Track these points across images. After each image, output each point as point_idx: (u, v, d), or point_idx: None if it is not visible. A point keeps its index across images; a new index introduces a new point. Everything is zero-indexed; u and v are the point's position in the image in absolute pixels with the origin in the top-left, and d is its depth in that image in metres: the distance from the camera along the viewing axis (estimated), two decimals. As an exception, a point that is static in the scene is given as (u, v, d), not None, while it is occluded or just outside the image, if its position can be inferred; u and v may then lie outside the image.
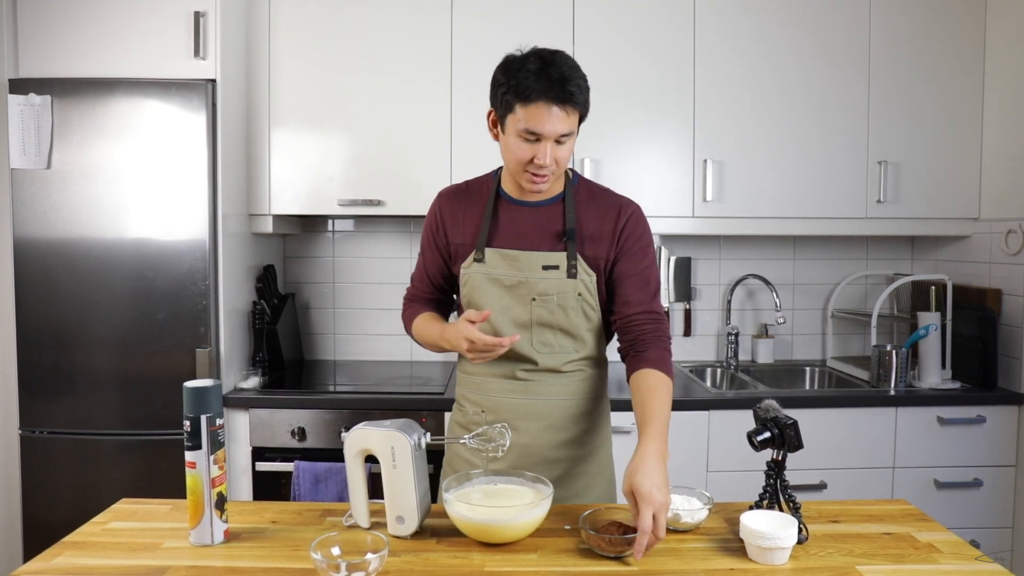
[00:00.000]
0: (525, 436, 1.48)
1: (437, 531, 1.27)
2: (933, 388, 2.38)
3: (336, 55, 2.45)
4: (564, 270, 1.44)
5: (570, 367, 1.49)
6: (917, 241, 2.91)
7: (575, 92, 1.31)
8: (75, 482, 2.21)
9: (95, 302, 2.18)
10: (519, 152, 1.36)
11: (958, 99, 2.53)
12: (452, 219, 1.51)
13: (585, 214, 1.47)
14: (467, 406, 1.55)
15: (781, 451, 1.27)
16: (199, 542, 1.21)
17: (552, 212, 1.48)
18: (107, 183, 2.17)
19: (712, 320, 2.91)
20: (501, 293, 1.45)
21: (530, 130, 1.33)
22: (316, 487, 2.16)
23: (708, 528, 1.29)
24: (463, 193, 1.54)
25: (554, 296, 1.44)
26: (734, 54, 2.49)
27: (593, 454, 1.54)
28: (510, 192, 1.50)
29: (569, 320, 1.46)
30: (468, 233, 1.49)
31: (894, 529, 1.29)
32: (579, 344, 1.49)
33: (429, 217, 1.55)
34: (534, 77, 1.30)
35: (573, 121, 1.34)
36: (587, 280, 1.45)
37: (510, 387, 1.49)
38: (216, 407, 1.21)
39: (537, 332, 1.46)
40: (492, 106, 1.40)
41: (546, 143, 1.34)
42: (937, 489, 2.31)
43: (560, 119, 1.32)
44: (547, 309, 1.45)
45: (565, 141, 1.35)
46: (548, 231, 1.46)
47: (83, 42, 2.19)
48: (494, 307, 1.46)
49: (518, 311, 1.46)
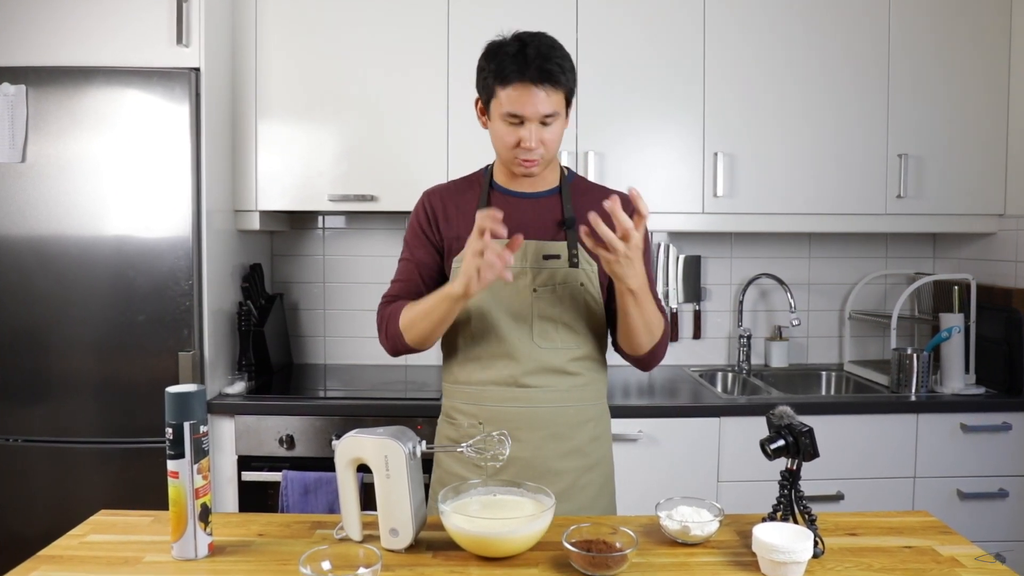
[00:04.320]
0: (527, 448, 1.47)
1: (433, 544, 1.27)
2: (956, 394, 2.38)
3: (327, 42, 2.45)
4: (565, 259, 1.45)
5: (573, 367, 1.49)
6: (939, 239, 2.91)
7: (554, 70, 1.35)
8: (51, 492, 2.21)
9: (72, 303, 2.18)
10: (505, 136, 1.39)
11: (982, 88, 2.53)
12: (444, 213, 1.52)
13: (584, 207, 1.48)
14: (460, 419, 1.53)
15: (796, 460, 1.27)
16: (182, 556, 1.21)
17: (549, 202, 1.50)
18: (85, 177, 2.17)
19: (723, 322, 2.91)
20: (498, 285, 1.45)
21: (512, 112, 1.36)
22: (305, 498, 2.16)
23: (719, 541, 1.29)
24: (451, 189, 1.56)
25: (555, 286, 1.45)
26: (746, 41, 2.50)
27: (598, 464, 1.55)
28: (503, 183, 1.51)
29: (571, 313, 1.47)
30: (462, 226, 1.49)
31: (915, 542, 1.29)
32: (581, 340, 1.49)
33: (416, 215, 1.55)
34: (511, 59, 1.35)
35: (556, 101, 1.37)
36: (589, 270, 1.47)
37: (510, 395, 1.48)
38: (200, 414, 1.21)
39: (538, 325, 1.46)
40: (478, 93, 1.44)
41: (530, 125, 1.37)
42: (960, 500, 2.31)
43: (541, 100, 1.35)
44: (548, 301, 1.46)
45: (551, 122, 1.38)
46: (546, 220, 1.48)
47: (60, 28, 2.19)
48: (491, 301, 1.46)
49: (518, 304, 1.46)
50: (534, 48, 1.35)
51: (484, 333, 1.48)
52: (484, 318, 1.47)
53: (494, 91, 1.38)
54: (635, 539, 1.18)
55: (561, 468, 1.49)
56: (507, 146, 1.41)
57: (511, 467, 1.47)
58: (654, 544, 1.27)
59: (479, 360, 1.50)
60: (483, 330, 1.48)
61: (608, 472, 1.58)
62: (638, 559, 1.21)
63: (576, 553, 1.15)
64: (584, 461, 1.52)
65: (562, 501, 1.47)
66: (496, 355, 1.48)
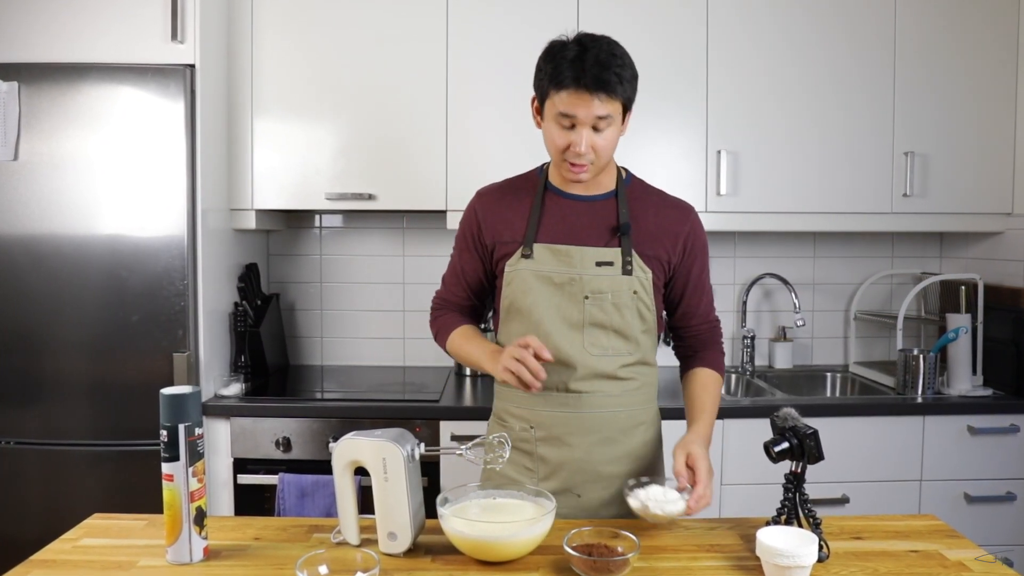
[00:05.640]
0: (578, 451, 1.48)
1: (432, 548, 1.27)
2: (963, 395, 2.38)
3: (324, 38, 2.45)
4: (619, 266, 1.45)
5: (624, 372, 1.49)
6: (946, 238, 2.91)
7: (611, 80, 1.34)
8: (43, 496, 2.20)
9: (65, 303, 2.18)
10: (556, 138, 1.40)
11: (990, 85, 2.53)
12: (494, 217, 1.52)
13: (641, 210, 1.49)
14: (512, 422, 1.53)
15: (800, 463, 1.27)
16: (177, 560, 1.21)
17: (605, 207, 1.50)
18: (78, 175, 2.17)
19: (726, 322, 2.90)
20: (551, 291, 1.46)
21: (564, 113, 1.36)
22: (302, 501, 2.16)
23: (723, 545, 1.29)
24: (505, 189, 1.56)
25: (608, 294, 1.45)
26: (750, 36, 2.49)
27: (650, 468, 1.54)
28: (558, 185, 1.52)
29: (623, 320, 1.47)
30: (515, 229, 1.50)
31: (921, 546, 1.29)
32: (632, 346, 1.49)
33: (466, 218, 1.57)
34: (569, 64, 1.34)
35: (612, 107, 1.36)
36: (643, 277, 1.46)
37: (560, 400, 1.48)
38: (195, 415, 1.21)
39: (589, 333, 1.46)
40: (534, 92, 1.45)
41: (582, 129, 1.37)
42: (967, 503, 2.31)
43: (596, 106, 1.35)
44: (600, 308, 1.45)
45: (604, 128, 1.38)
46: (601, 226, 1.48)
47: (53, 24, 2.19)
48: (543, 307, 1.46)
49: (569, 310, 1.46)
50: (593, 55, 1.33)
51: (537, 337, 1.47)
52: (536, 325, 1.47)
53: (548, 92, 1.38)
54: (637, 543, 1.18)
55: (612, 472, 1.49)
56: (558, 148, 1.41)
57: (562, 471, 1.48)
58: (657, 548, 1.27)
59: None
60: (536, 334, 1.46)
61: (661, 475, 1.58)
62: (640, 563, 1.21)
63: (577, 557, 1.15)
64: (636, 465, 1.52)
65: (614, 505, 1.49)
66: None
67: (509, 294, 1.49)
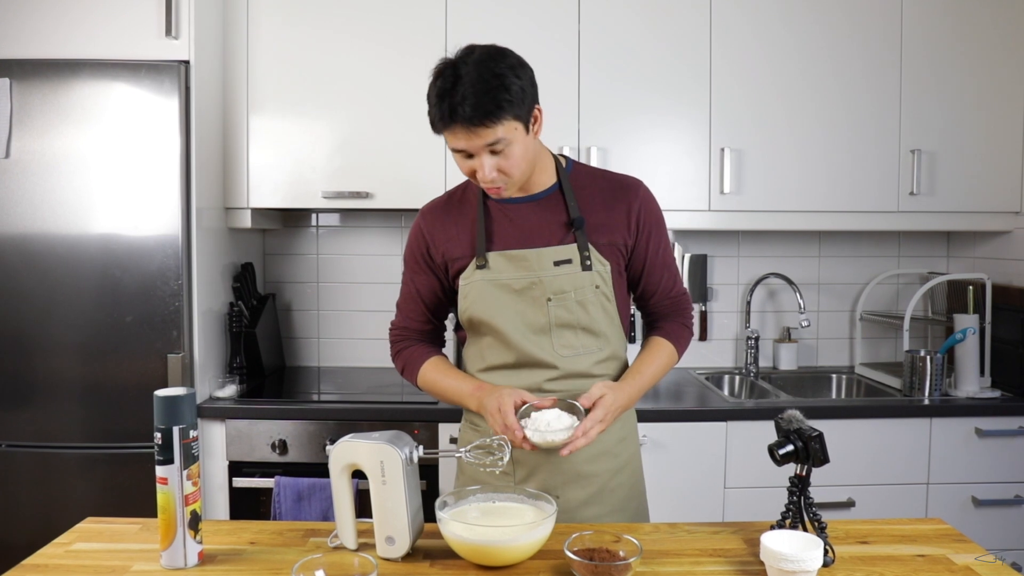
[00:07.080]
0: (555, 452, 1.47)
1: (430, 553, 1.27)
2: (971, 397, 2.38)
3: (320, 35, 2.45)
4: (578, 263, 1.44)
5: (598, 369, 1.49)
6: (953, 237, 2.91)
7: (489, 110, 1.27)
8: (36, 499, 2.21)
9: (58, 303, 2.18)
10: (461, 167, 1.38)
11: (998, 82, 2.53)
12: (442, 235, 1.51)
13: (589, 200, 1.48)
14: (484, 425, 1.52)
15: (805, 466, 1.27)
16: (171, 565, 1.21)
17: (551, 202, 1.48)
18: (71, 174, 2.17)
19: (730, 323, 2.91)
20: (511, 298, 1.45)
21: (455, 149, 1.34)
22: (299, 505, 2.16)
23: (726, 549, 1.29)
24: (447, 204, 1.54)
25: (571, 292, 1.44)
26: (754, 33, 2.49)
27: (627, 464, 1.55)
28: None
29: (590, 317, 1.46)
30: (463, 244, 1.48)
31: (928, 551, 1.29)
32: (602, 342, 1.49)
33: (413, 239, 1.55)
34: (441, 101, 1.29)
35: (502, 130, 1.30)
36: (602, 271, 1.46)
37: None
38: (190, 418, 1.21)
39: (557, 335, 1.46)
40: None
41: (480, 157, 1.34)
42: (975, 507, 2.32)
43: (482, 135, 1.30)
44: (565, 308, 1.45)
45: (503, 148, 1.33)
46: (553, 223, 1.46)
47: (45, 20, 2.19)
48: (507, 315, 1.45)
49: (534, 315, 1.45)
50: (467, 83, 1.26)
51: (504, 346, 1.48)
52: (502, 334, 1.46)
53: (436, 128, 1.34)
54: (639, 547, 1.18)
55: (591, 471, 1.49)
56: (469, 175, 1.39)
57: (540, 473, 1.48)
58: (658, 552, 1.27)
59: (501, 370, 1.50)
60: (503, 344, 1.47)
61: (637, 472, 1.58)
62: (643, 568, 1.21)
63: (578, 562, 1.15)
64: (614, 463, 1.52)
65: (594, 504, 1.49)
66: (518, 365, 1.48)
67: (467, 307, 1.48)
